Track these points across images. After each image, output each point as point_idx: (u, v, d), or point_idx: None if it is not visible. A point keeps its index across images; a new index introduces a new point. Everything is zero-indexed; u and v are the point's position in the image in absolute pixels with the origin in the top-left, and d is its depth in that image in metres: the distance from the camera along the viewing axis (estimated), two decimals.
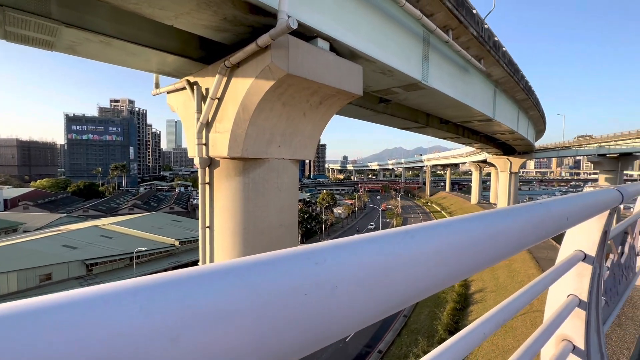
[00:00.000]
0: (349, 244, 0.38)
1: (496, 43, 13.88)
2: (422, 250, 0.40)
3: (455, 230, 0.48)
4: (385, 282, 0.36)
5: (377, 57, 9.17)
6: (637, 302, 3.19)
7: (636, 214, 3.33)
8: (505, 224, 0.57)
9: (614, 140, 36.32)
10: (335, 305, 0.33)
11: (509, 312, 1.03)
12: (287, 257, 0.33)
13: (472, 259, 0.47)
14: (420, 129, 21.96)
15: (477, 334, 0.81)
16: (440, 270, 0.41)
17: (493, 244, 0.52)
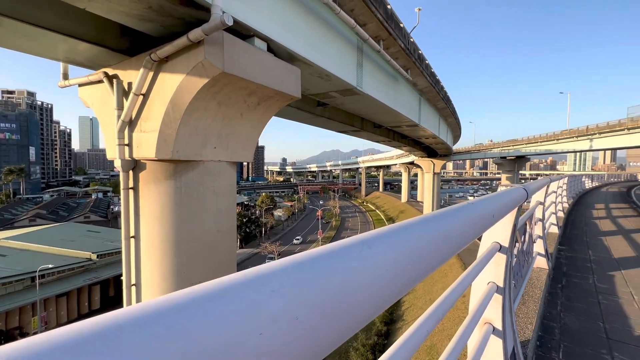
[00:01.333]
0: (307, 261, 0.33)
1: (420, 56, 15.28)
2: (379, 260, 0.38)
3: (407, 236, 0.47)
4: (347, 302, 0.33)
5: (315, 61, 9.32)
6: (534, 282, 3.77)
7: (532, 207, 3.95)
8: (449, 225, 0.59)
9: (512, 145, 43.13)
10: (297, 340, 0.28)
11: (446, 307, 1.10)
12: (235, 286, 0.27)
13: (425, 262, 0.48)
14: (355, 132, 23.00)
15: (421, 332, 0.85)
16: (398, 278, 0.39)
17: (441, 244, 0.54)
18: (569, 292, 4.13)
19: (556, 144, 36.87)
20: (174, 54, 6.46)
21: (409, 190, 68.67)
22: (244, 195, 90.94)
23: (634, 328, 3.25)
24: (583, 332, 3.15)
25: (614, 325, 3.31)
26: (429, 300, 21.43)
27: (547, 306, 3.69)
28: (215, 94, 7.11)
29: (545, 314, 3.50)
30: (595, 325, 3.30)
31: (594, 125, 32.14)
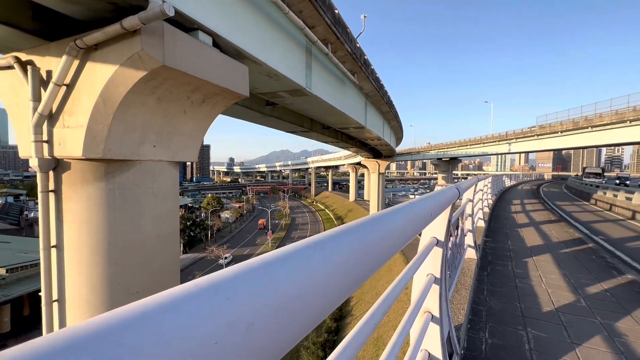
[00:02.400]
0: (261, 266, 0.33)
1: (366, 61, 15.96)
2: (332, 260, 0.39)
3: (357, 235, 0.50)
4: (302, 303, 0.33)
5: (263, 59, 9.17)
6: (465, 271, 4.19)
7: (464, 204, 4.38)
8: (394, 223, 0.64)
9: (447, 148, 47.35)
10: (254, 345, 0.28)
11: (391, 300, 1.18)
12: (188, 296, 0.26)
13: (374, 258, 0.51)
14: (305, 133, 23.15)
15: (369, 325, 0.91)
16: (350, 276, 0.42)
17: (388, 241, 0.58)
18: (493, 279, 4.68)
19: (482, 147, 41.39)
20: (105, 42, 5.83)
21: (356, 190, 71.21)
22: (188, 197, 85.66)
23: (542, 306, 3.80)
24: (504, 312, 3.59)
25: (528, 304, 3.83)
26: (376, 295, 22.44)
27: (476, 292, 4.14)
28: (155, 89, 6.59)
29: (475, 299, 3.92)
30: (513, 305, 3.79)
31: (511, 131, 36.81)
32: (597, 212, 14.70)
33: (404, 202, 0.94)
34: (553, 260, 5.75)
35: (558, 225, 9.45)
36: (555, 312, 3.62)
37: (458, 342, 2.57)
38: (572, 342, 3.00)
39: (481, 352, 2.75)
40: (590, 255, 6.11)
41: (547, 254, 6.13)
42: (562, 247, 6.79)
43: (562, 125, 29.55)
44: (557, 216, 12.01)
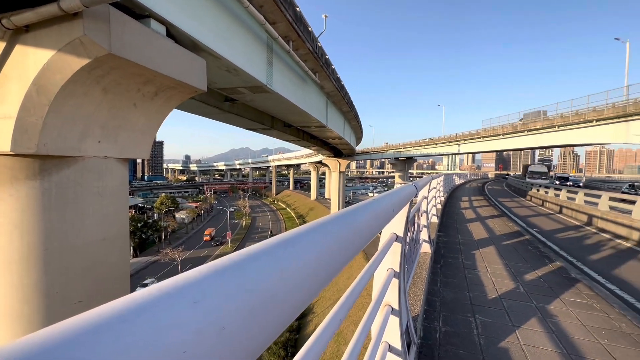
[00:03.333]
0: (231, 266, 0.30)
1: (327, 60, 16.11)
2: (304, 258, 0.38)
3: (326, 232, 0.50)
4: (275, 303, 0.32)
5: (222, 53, 8.83)
6: (421, 265, 4.42)
7: (419, 201, 4.61)
8: (360, 219, 0.65)
9: (403, 148, 49.62)
10: (225, 351, 0.25)
11: (355, 295, 1.21)
12: (152, 302, 0.23)
13: (343, 254, 0.51)
14: (266, 130, 22.77)
15: (334, 322, 0.92)
16: (320, 272, 0.41)
17: (355, 237, 0.58)
18: (445, 270, 5.00)
19: (435, 148, 44.02)
20: (40, 24, 5.21)
21: (317, 188, 71.74)
22: (139, 197, 79.93)
23: (488, 294, 4.14)
24: (456, 301, 3.85)
25: (476, 293, 4.15)
26: (336, 291, 22.83)
27: (431, 284, 4.39)
28: (100, 78, 6.04)
29: (429, 290, 4.16)
30: (463, 295, 4.08)
31: (460, 133, 39.62)
32: (532, 208, 16.39)
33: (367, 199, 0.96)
34: (496, 251, 6.30)
35: (500, 220, 10.37)
36: (499, 299, 3.97)
37: (415, 333, 2.70)
38: (513, 325, 3.31)
39: (436, 341, 2.92)
40: (527, 246, 6.80)
41: (492, 246, 6.70)
42: (504, 239, 7.46)
43: (503, 129, 32.46)
44: (500, 211, 13.17)
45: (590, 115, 24.13)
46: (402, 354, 2.07)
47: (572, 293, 4.24)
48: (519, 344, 2.95)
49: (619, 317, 3.58)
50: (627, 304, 4.59)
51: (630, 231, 9.01)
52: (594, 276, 5.82)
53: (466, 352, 2.76)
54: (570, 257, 7.03)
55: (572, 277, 4.89)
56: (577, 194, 13.32)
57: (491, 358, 2.70)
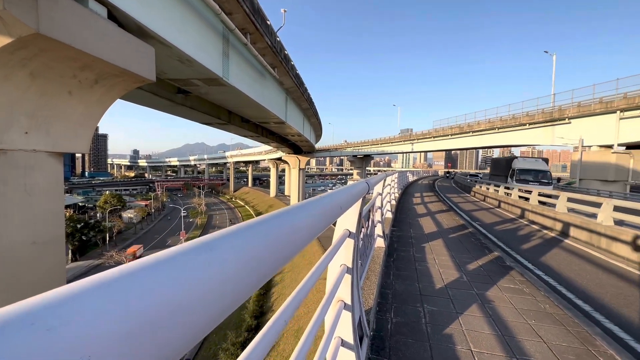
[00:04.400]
0: (112, 281, 0.26)
1: (286, 56, 15.93)
2: (222, 263, 0.35)
3: (259, 232, 0.47)
4: (182, 319, 0.28)
5: (173, 42, 8.30)
6: (376, 259, 4.57)
7: (374, 198, 4.76)
8: (301, 218, 0.63)
9: (361, 146, 51.02)
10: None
11: (306, 290, 1.20)
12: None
13: (277, 255, 0.48)
14: (222, 125, 21.92)
15: (279, 322, 0.91)
16: (246, 278, 0.38)
17: (295, 236, 0.56)
18: (398, 264, 5.24)
19: (391, 146, 45.90)
20: None
21: (277, 185, 70.98)
22: (78, 195, 72.54)
23: (435, 284, 4.42)
24: (406, 293, 4.05)
25: (425, 284, 4.41)
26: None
27: (384, 277, 4.57)
28: (26, 61, 5.34)
29: (383, 283, 4.32)
30: (413, 286, 4.30)
31: (413, 132, 41.74)
32: (475, 203, 17.83)
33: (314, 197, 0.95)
34: (444, 244, 6.75)
35: (448, 214, 11.13)
36: (445, 289, 4.26)
37: (368, 325, 2.79)
38: (456, 312, 3.57)
39: (387, 332, 3.05)
40: (470, 238, 7.38)
41: (440, 239, 7.16)
42: (450, 232, 8.02)
43: (452, 130, 34.85)
44: (447, 206, 14.14)
45: (524, 119, 26.84)
46: (354, 348, 2.12)
47: (506, 280, 4.69)
48: (461, 329, 3.19)
49: (544, 299, 4.03)
50: (550, 287, 5.19)
51: (554, 222, 10.22)
52: (525, 263, 6.51)
53: (415, 341, 2.92)
54: (506, 247, 7.78)
55: (507, 265, 5.41)
56: (512, 190, 14.76)
57: (437, 344, 2.88)
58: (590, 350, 2.91)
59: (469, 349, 2.84)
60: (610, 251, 7.56)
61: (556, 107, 24.79)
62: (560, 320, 3.46)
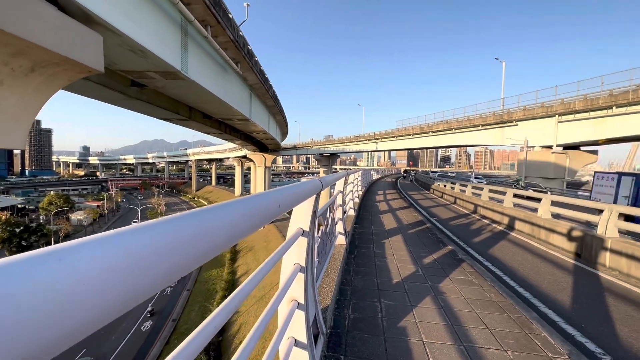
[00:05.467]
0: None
1: (250, 51, 15.55)
2: (77, 273, 0.30)
3: (158, 232, 0.43)
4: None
5: (124, 30, 7.73)
6: (336, 256, 4.62)
7: (334, 196, 4.79)
8: (218, 218, 0.59)
9: (327, 144, 51.48)
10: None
11: (253, 284, 1.16)
12: None
13: (190, 252, 0.44)
14: (182, 121, 20.92)
15: (231, 306, 0.93)
16: (115, 291, 0.33)
17: (210, 237, 0.52)
18: (358, 260, 5.34)
19: (356, 145, 46.79)
20: None
21: (242, 184, 69.31)
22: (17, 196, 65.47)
23: (393, 279, 4.56)
24: (365, 289, 4.14)
25: (383, 279, 4.54)
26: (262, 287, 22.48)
27: (344, 274, 4.63)
28: None
29: (342, 280, 4.38)
30: (372, 281, 4.41)
31: (378, 132, 42.91)
32: (434, 199, 18.76)
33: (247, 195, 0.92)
34: (403, 239, 7.01)
35: (408, 211, 11.58)
36: (402, 283, 4.41)
37: (324, 323, 2.80)
38: (411, 305, 3.71)
39: (344, 328, 3.09)
40: (427, 234, 7.74)
41: (399, 235, 7.42)
42: (409, 228, 8.35)
43: (413, 129, 36.32)
44: (408, 203, 14.72)
45: (478, 121, 28.70)
46: (308, 347, 2.12)
47: (458, 272, 4.98)
48: (415, 321, 3.32)
49: (490, 288, 4.34)
50: (496, 277, 5.59)
51: (502, 217, 11.05)
52: (475, 255, 6.96)
53: (370, 335, 2.99)
54: (459, 241, 8.27)
55: (459, 258, 5.75)
56: (467, 187, 15.73)
57: (391, 337, 2.98)
58: (527, 333, 3.17)
59: (421, 340, 2.96)
60: (548, 242, 8.32)
61: (505, 110, 26.81)
62: (503, 308, 3.73)
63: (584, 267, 6.46)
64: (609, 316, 4.27)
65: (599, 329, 3.90)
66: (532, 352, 2.84)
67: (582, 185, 50.48)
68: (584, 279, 5.73)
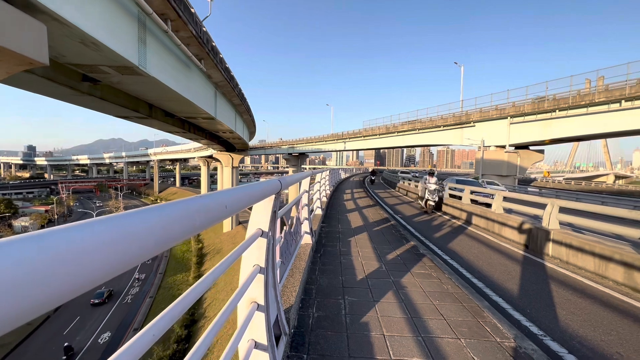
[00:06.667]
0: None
1: (214, 48, 15.09)
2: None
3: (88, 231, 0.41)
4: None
5: (72, 20, 7.16)
6: (301, 256, 4.63)
7: (299, 195, 4.80)
8: (145, 223, 0.57)
9: (296, 143, 51.32)
10: None
11: (208, 282, 1.13)
12: None
13: (97, 262, 0.42)
14: (142, 119, 19.78)
15: (176, 311, 0.91)
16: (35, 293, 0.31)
17: (127, 243, 0.50)
18: (324, 259, 5.40)
19: (325, 144, 47.14)
20: None
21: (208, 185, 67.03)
22: None
23: (357, 276, 4.67)
24: (330, 287, 4.19)
25: (347, 276, 4.62)
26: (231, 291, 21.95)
27: (310, 273, 4.65)
28: None
29: (308, 279, 4.40)
30: (337, 279, 4.48)
31: (346, 132, 43.56)
32: (399, 197, 19.42)
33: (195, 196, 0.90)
34: (368, 237, 7.19)
35: (374, 209, 11.88)
36: (366, 279, 4.53)
37: (288, 323, 2.80)
38: (374, 300, 3.82)
39: (308, 327, 3.11)
40: (392, 230, 8.00)
41: (365, 233, 7.60)
42: (375, 225, 8.58)
43: (379, 129, 37.32)
44: (374, 201, 15.10)
45: (439, 121, 30.12)
46: (269, 348, 2.10)
47: (419, 266, 5.20)
48: (377, 316, 3.42)
49: (447, 280, 4.58)
50: (454, 269, 5.92)
51: (461, 212, 11.71)
52: (435, 250, 7.32)
53: (333, 333, 3.03)
54: (421, 237, 8.64)
55: (420, 252, 6.01)
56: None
57: (354, 333, 3.05)
58: (479, 321, 3.39)
59: (382, 334, 3.06)
60: (501, 235, 8.95)
61: (464, 112, 28.42)
62: (458, 298, 3.96)
63: (531, 257, 7.03)
64: (550, 301, 4.70)
65: (542, 313, 4.28)
66: (483, 339, 3.04)
67: (531, 182, 54.84)
68: (531, 268, 6.24)
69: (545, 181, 55.74)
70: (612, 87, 19.67)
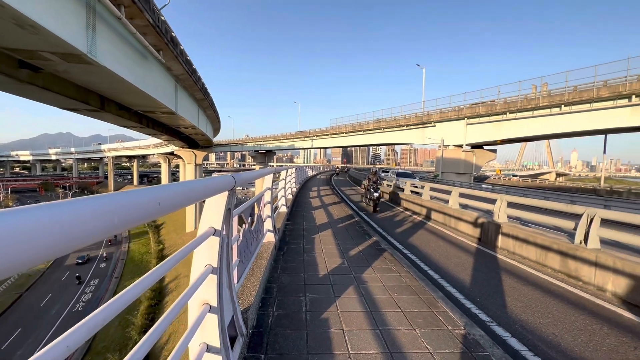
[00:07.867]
0: None
1: (174, 39, 14.34)
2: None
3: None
4: None
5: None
6: (263, 254, 4.55)
7: (261, 193, 4.71)
8: (50, 218, 0.51)
9: (263, 141, 50.51)
10: None
11: (143, 286, 1.05)
12: None
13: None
14: (93, 112, 18.31)
15: (123, 301, 0.88)
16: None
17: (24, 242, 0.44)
18: (287, 257, 5.36)
19: (292, 142, 46.91)
20: None
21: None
22: None
23: (319, 273, 4.69)
24: (292, 284, 4.17)
25: (310, 274, 4.63)
26: None
27: (272, 271, 4.59)
28: None
29: (269, 278, 4.34)
30: (299, 277, 4.46)
31: (313, 129, 43.66)
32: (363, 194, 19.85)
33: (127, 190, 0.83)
34: (332, 233, 7.26)
35: (339, 206, 12.03)
36: (328, 276, 4.57)
37: (245, 324, 2.73)
38: (335, 296, 3.86)
39: (267, 326, 3.06)
40: (355, 227, 8.15)
41: (329, 229, 7.67)
42: (339, 222, 8.69)
43: (346, 128, 37.85)
44: (340, 199, 15.30)
45: (403, 121, 31.20)
46: (222, 351, 2.03)
47: (379, 261, 5.35)
48: (337, 311, 3.46)
49: (406, 274, 4.76)
50: (412, 263, 6.18)
51: (421, 208, 12.24)
52: (396, 245, 7.58)
53: (293, 331, 3.02)
54: (383, 232, 8.91)
55: (381, 247, 6.18)
56: (392, 182, 17.01)
57: (313, 330, 3.05)
58: (433, 311, 3.56)
59: (342, 329, 3.10)
60: (457, 229, 9.49)
61: (425, 112, 29.69)
62: (415, 291, 4.13)
63: (483, 249, 7.53)
64: (498, 289, 5.06)
65: (490, 301, 4.59)
66: (436, 328, 3.20)
67: (485, 179, 58.78)
68: (483, 260, 6.69)
69: (497, 178, 60.13)
70: (553, 92, 21.64)
